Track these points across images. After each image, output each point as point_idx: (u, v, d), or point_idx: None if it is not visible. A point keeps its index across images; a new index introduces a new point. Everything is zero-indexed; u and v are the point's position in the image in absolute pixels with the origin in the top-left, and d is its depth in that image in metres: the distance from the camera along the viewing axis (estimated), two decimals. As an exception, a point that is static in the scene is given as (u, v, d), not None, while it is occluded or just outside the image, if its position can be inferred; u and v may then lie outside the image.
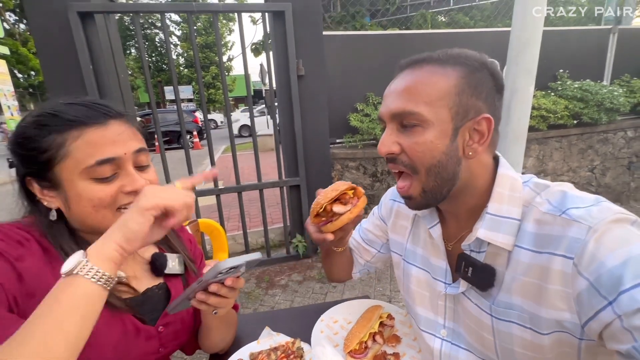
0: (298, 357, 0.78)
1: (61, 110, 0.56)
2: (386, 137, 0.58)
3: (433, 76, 0.54)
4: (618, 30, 3.92)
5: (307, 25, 2.52)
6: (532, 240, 0.52)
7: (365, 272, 0.97)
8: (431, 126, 0.54)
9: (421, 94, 0.54)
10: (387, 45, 3.27)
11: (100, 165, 0.55)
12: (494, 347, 0.58)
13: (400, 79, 0.58)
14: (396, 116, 0.56)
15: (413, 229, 0.77)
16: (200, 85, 2.48)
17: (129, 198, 0.59)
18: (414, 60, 0.58)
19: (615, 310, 0.41)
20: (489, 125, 0.55)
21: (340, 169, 3.05)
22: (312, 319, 0.92)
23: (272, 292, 2.59)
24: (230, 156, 2.73)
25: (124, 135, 0.59)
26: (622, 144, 3.76)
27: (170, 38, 2.41)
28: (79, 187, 0.55)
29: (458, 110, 0.54)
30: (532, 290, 0.51)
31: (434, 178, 0.56)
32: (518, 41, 2.03)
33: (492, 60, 0.57)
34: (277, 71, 2.61)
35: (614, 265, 0.42)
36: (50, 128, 0.55)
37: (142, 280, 0.71)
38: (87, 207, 0.57)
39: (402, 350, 0.82)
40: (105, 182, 0.57)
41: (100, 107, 0.59)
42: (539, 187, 0.56)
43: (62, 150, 0.55)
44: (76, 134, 0.55)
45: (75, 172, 0.55)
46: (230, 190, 2.72)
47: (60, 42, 2.14)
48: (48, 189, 0.58)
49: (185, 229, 0.88)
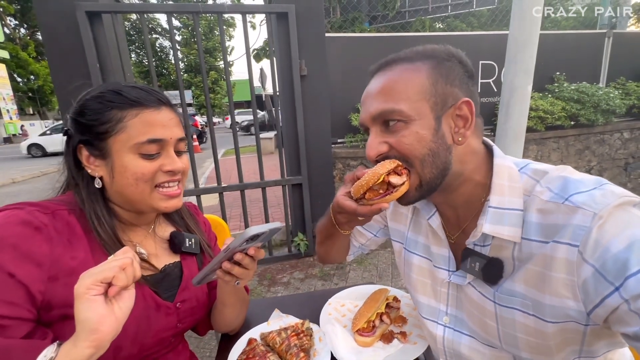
0: (308, 336, 0.80)
1: (124, 91, 0.63)
2: (372, 140, 0.58)
3: (405, 73, 0.55)
4: (613, 34, 4.01)
5: (309, 26, 2.57)
6: (538, 230, 0.51)
7: (358, 253, 0.96)
8: (413, 120, 0.54)
9: (398, 92, 0.54)
10: (388, 47, 3.34)
11: (149, 144, 0.62)
12: (497, 333, 0.58)
13: (374, 82, 0.59)
14: (377, 117, 0.56)
15: (414, 217, 0.76)
16: (206, 88, 2.52)
17: (166, 177, 0.65)
18: (383, 63, 0.60)
19: (622, 294, 0.41)
20: (470, 108, 0.55)
21: (342, 168, 3.09)
22: (319, 303, 0.94)
23: (274, 289, 2.60)
24: (229, 159, 2.77)
25: (172, 121, 0.66)
26: (619, 145, 3.81)
27: (176, 44, 2.44)
28: (125, 160, 0.61)
29: (436, 101, 0.54)
30: (535, 278, 0.51)
31: (430, 168, 0.55)
32: (516, 41, 2.08)
33: (457, 50, 0.59)
34: (280, 72, 2.65)
35: (619, 250, 0.42)
36: (113, 104, 0.62)
37: (161, 258, 0.74)
38: (129, 178, 0.62)
39: (408, 329, 0.84)
40: (149, 159, 0.63)
41: (157, 94, 0.66)
42: (537, 174, 0.55)
43: (120, 124, 0.61)
44: (135, 112, 0.62)
45: (127, 146, 0.61)
46: (233, 188, 2.74)
47: (67, 42, 2.17)
48: (96, 158, 0.63)
49: (200, 212, 0.91)
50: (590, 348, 0.51)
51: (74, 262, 0.57)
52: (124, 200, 0.66)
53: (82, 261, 0.59)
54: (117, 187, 0.63)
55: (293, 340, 0.78)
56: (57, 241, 0.57)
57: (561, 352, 0.52)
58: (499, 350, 0.60)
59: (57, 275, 0.56)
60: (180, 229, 0.80)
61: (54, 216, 0.59)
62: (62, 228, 0.59)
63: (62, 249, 0.57)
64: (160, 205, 0.66)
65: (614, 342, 0.52)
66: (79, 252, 0.59)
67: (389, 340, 0.81)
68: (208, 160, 7.61)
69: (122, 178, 0.62)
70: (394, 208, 0.82)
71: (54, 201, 0.64)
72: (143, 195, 0.64)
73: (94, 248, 0.62)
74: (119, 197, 0.66)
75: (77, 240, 0.60)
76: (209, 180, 6.32)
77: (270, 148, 8.86)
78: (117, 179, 0.63)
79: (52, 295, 0.55)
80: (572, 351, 0.52)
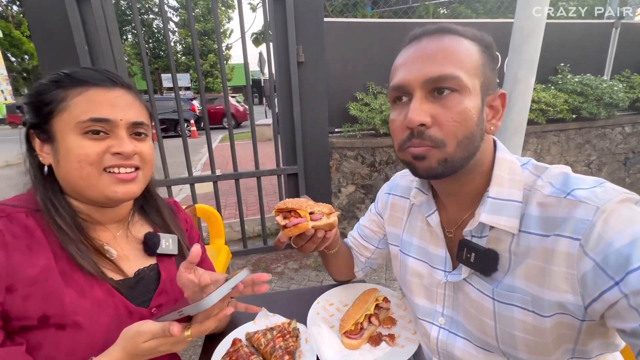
0: (294, 337, 0.79)
1: (75, 71, 0.60)
2: (417, 106, 0.51)
3: (464, 44, 0.52)
4: (621, 24, 3.89)
5: (307, 11, 2.48)
6: (538, 224, 0.51)
7: (367, 269, 0.98)
8: (468, 94, 0.50)
9: (458, 59, 0.50)
10: (389, 33, 3.23)
11: (93, 122, 0.57)
12: (494, 332, 0.57)
13: (426, 44, 0.53)
14: (431, 81, 0.50)
15: (409, 220, 0.76)
16: (199, 72, 2.44)
17: (115, 160, 0.59)
18: (436, 28, 0.54)
19: (621, 289, 0.41)
20: (504, 102, 0.55)
21: (339, 158, 3.04)
22: (308, 301, 0.92)
23: (268, 279, 2.61)
24: (227, 145, 2.72)
25: (125, 101, 0.61)
26: (620, 139, 3.77)
27: (168, 24, 2.34)
28: (68, 141, 0.57)
29: (484, 82, 0.53)
30: (536, 272, 0.51)
31: (462, 150, 0.52)
32: (521, 32, 2.02)
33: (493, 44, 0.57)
34: (277, 58, 2.57)
35: (622, 245, 0.42)
36: (59, 84, 0.59)
37: (134, 261, 0.69)
38: (73, 161, 0.57)
39: (397, 331, 0.82)
40: (94, 139, 0.58)
41: (110, 74, 0.62)
42: (538, 170, 0.56)
43: (63, 103, 0.57)
44: (79, 91, 0.58)
45: (69, 126, 0.57)
46: (227, 177, 2.71)
47: (55, 23, 2.08)
48: (45, 143, 0.60)
49: (181, 208, 0.87)
50: (584, 348, 0.51)
51: (34, 270, 0.53)
52: (71, 189, 0.61)
53: (43, 269, 0.55)
54: (63, 173, 0.59)
55: (279, 341, 0.76)
56: (13, 248, 0.53)
57: (557, 350, 0.52)
58: (494, 355, 0.60)
59: (14, 286, 0.52)
60: (158, 229, 0.75)
61: (9, 219, 0.55)
62: (19, 233, 0.54)
63: (19, 257, 0.53)
64: (110, 190, 0.59)
65: (607, 343, 0.52)
66: (39, 258, 0.55)
67: (376, 342, 0.79)
68: (206, 146, 7.54)
69: (67, 162, 0.58)
70: (390, 212, 0.82)
71: (11, 201, 0.59)
72: (90, 180, 0.58)
73: (57, 253, 0.57)
74: (67, 186, 0.61)
75: (37, 245, 0.56)
76: (205, 167, 6.27)
77: (268, 134, 8.77)
78: (62, 164, 0.58)
79: (10, 307, 0.51)
80: (566, 350, 0.52)
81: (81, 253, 0.58)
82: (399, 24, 3.30)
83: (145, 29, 19.94)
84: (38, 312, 0.53)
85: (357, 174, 3.09)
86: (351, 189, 3.14)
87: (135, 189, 0.63)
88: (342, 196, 3.15)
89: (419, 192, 0.71)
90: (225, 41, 22.08)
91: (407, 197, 0.77)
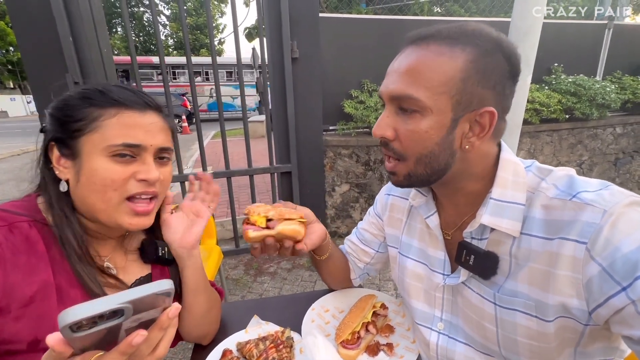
0: (288, 347, 0.75)
1: (109, 90, 0.58)
2: (383, 120, 0.55)
3: (438, 58, 0.50)
4: (613, 26, 3.93)
5: (302, 5, 2.42)
6: (542, 226, 0.50)
7: (365, 276, 0.94)
8: (429, 114, 0.50)
9: (423, 77, 0.50)
10: (385, 30, 3.19)
11: (124, 148, 0.56)
12: (496, 338, 0.56)
13: (404, 56, 0.53)
14: (395, 98, 0.53)
15: (408, 221, 0.75)
16: (190, 68, 2.37)
17: (138, 187, 0.58)
18: (421, 35, 0.53)
19: (629, 295, 0.40)
20: (492, 119, 0.51)
21: (333, 157, 3.00)
22: (302, 307, 0.88)
23: (260, 279, 2.56)
24: (219, 142, 2.65)
25: (156, 127, 0.60)
26: (611, 140, 3.81)
27: (159, 17, 2.27)
28: (95, 162, 0.55)
29: (460, 99, 0.50)
30: (539, 276, 0.49)
31: (423, 167, 0.54)
32: (518, 30, 1.99)
33: (509, 42, 0.52)
34: (271, 53, 2.51)
35: (630, 250, 0.41)
36: (92, 101, 0.56)
37: (130, 272, 0.68)
38: (97, 184, 0.55)
39: (395, 340, 0.79)
40: (120, 163, 0.56)
41: (145, 97, 0.61)
42: (542, 172, 0.54)
43: (95, 123, 0.55)
44: (113, 112, 0.56)
45: (99, 147, 0.55)
46: (219, 175, 2.64)
47: (37, 12, 1.98)
48: (66, 158, 0.57)
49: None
50: (585, 350, 0.50)
51: (31, 289, 0.50)
52: (86, 209, 0.59)
53: (41, 286, 0.51)
54: (82, 192, 0.57)
55: (272, 352, 0.72)
56: (12, 265, 0.49)
57: (560, 355, 0.51)
58: (496, 359, 0.58)
59: (8, 307, 0.48)
60: (153, 236, 0.73)
61: (10, 229, 0.51)
62: (19, 245, 0.51)
63: (17, 276, 0.49)
64: (125, 220, 0.59)
65: (611, 347, 0.51)
66: (39, 274, 0.51)
67: (374, 352, 0.76)
68: (197, 142, 7.43)
69: (90, 183, 0.55)
70: (389, 214, 0.80)
71: (15, 207, 0.56)
72: (109, 205, 0.57)
73: (56, 267, 0.54)
74: (82, 205, 0.59)
75: (37, 260, 0.52)
76: (197, 164, 6.16)
77: (261, 131, 8.68)
78: (83, 183, 0.56)
79: (1, 330, 0.48)
80: (568, 354, 0.51)
81: (87, 272, 0.57)
82: (395, 21, 3.26)
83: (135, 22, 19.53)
84: (29, 335, 0.50)
85: (351, 173, 3.05)
86: (345, 188, 3.11)
87: (148, 223, 0.63)
88: (336, 195, 3.12)
89: (418, 194, 0.69)
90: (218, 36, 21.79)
91: (407, 198, 0.76)
